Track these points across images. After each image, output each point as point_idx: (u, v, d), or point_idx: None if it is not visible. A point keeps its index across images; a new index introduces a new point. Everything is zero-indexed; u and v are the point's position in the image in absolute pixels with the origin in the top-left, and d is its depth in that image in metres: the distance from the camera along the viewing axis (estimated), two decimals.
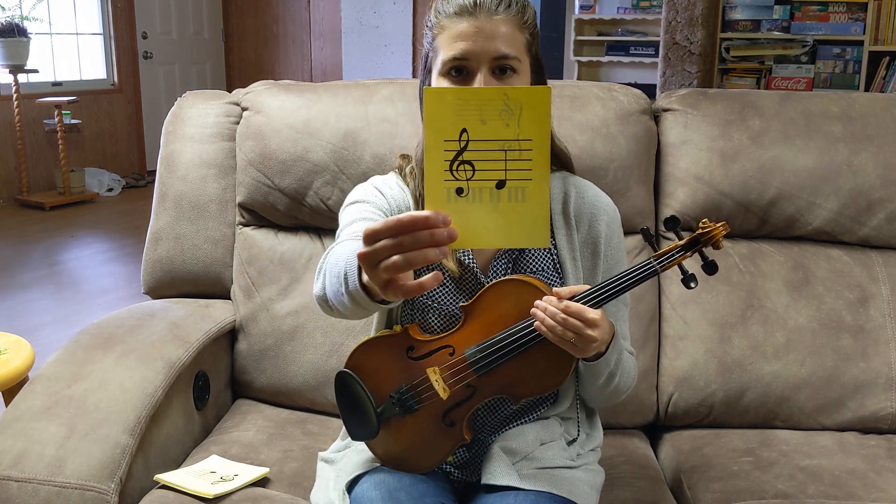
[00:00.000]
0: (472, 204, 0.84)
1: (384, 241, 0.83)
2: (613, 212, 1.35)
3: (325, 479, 1.32)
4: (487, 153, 0.83)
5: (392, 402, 1.22)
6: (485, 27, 1.18)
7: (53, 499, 1.25)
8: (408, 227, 0.82)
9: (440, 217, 0.83)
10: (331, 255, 1.12)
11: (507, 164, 0.84)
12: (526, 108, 0.82)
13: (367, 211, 1.25)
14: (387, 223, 0.83)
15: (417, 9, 6.91)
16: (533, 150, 0.83)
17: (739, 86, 4.55)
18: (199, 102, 1.86)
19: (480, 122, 0.82)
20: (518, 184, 0.84)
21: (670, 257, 1.18)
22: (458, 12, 1.19)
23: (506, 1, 1.20)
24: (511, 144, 0.83)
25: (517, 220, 0.85)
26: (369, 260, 0.85)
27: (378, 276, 0.85)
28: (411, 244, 0.82)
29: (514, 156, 0.83)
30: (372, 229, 0.84)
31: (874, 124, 1.76)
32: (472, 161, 0.83)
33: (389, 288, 0.86)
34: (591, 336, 1.11)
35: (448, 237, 0.83)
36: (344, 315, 1.10)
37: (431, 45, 1.25)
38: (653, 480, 1.50)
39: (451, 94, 0.83)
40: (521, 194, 0.84)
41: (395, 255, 0.83)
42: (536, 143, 0.83)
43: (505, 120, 0.82)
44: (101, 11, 6.78)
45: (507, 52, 1.18)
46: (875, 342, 1.69)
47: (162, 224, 1.81)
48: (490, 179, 0.83)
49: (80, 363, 1.48)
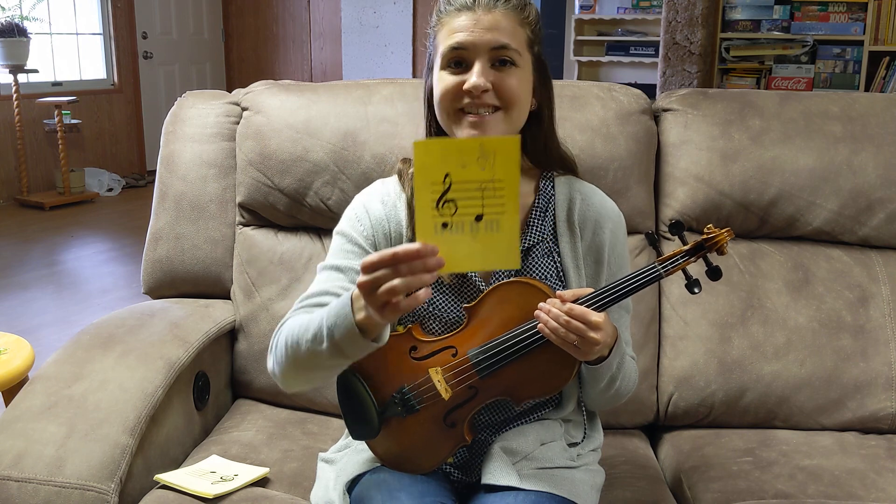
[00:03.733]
0: (455, 235, 0.98)
1: (382, 270, 0.97)
2: (618, 218, 1.35)
3: (325, 479, 1.32)
4: (467, 192, 0.97)
5: (394, 402, 1.22)
6: (483, 19, 1.19)
7: (53, 499, 1.25)
8: (403, 259, 0.96)
9: (429, 248, 0.97)
10: (289, 329, 1.17)
11: (483, 201, 0.98)
12: (499, 155, 0.96)
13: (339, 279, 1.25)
14: (383, 256, 0.96)
15: (417, 9, 6.90)
16: (505, 188, 0.98)
17: (739, 86, 4.55)
18: (199, 102, 1.86)
19: (461, 167, 0.96)
20: (493, 217, 0.99)
21: (674, 262, 1.18)
22: (458, 8, 1.21)
23: None
24: (487, 184, 0.97)
25: (493, 247, 1.00)
26: (369, 286, 0.98)
27: (376, 299, 0.98)
28: (407, 272, 0.96)
29: (489, 194, 0.98)
30: (370, 261, 0.97)
31: (874, 124, 1.76)
32: (455, 199, 0.97)
33: (387, 308, 0.98)
34: (594, 339, 1.11)
35: (437, 265, 0.97)
36: (308, 380, 1.21)
37: (433, 43, 1.26)
38: (653, 480, 1.50)
39: (437, 145, 0.97)
40: (496, 225, 0.99)
41: (394, 281, 0.96)
42: (507, 182, 0.97)
43: (481, 164, 0.97)
44: (101, 11, 6.79)
45: (506, 42, 1.19)
46: (875, 342, 1.69)
47: (162, 224, 1.81)
48: (470, 214, 0.98)
49: (80, 363, 1.48)
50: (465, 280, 1.26)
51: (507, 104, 1.21)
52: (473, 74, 1.19)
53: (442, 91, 1.22)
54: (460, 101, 1.21)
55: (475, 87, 1.18)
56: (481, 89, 1.18)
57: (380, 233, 1.29)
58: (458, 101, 1.21)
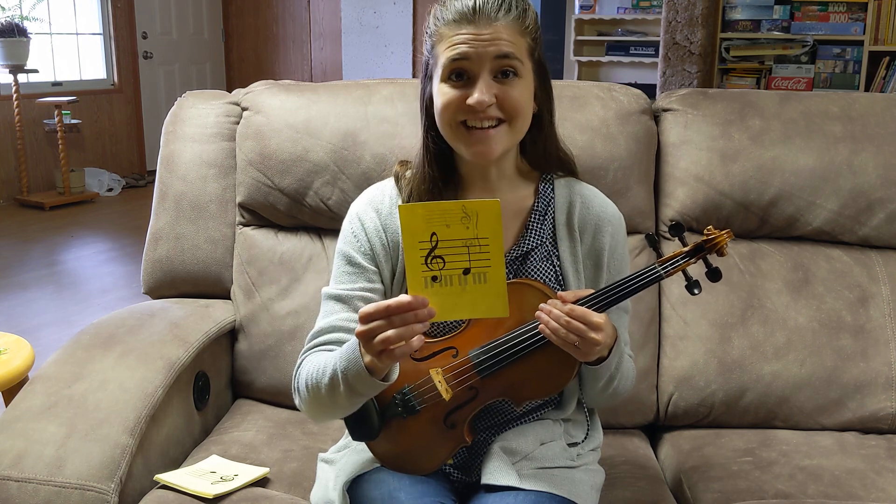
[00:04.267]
0: (445, 287, 1.05)
1: (377, 321, 1.04)
2: (619, 221, 1.34)
3: (324, 479, 1.32)
4: (454, 249, 1.04)
5: (394, 403, 1.21)
6: (484, 31, 1.17)
7: (53, 499, 1.25)
8: (395, 311, 1.03)
9: (420, 300, 1.04)
10: (307, 373, 1.22)
11: (469, 256, 1.04)
12: (481, 215, 1.03)
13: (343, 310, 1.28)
14: (378, 308, 1.04)
15: (417, 9, 6.90)
16: (489, 245, 1.04)
17: (739, 86, 4.55)
18: (199, 102, 1.86)
19: (446, 227, 1.03)
20: (480, 270, 1.05)
21: (674, 263, 1.18)
22: (457, 19, 1.19)
23: (505, 5, 1.19)
24: (472, 242, 1.04)
25: (481, 297, 1.06)
26: (366, 336, 1.05)
27: (373, 347, 1.05)
28: (399, 323, 1.03)
29: (475, 250, 1.04)
30: (366, 312, 1.05)
31: (874, 124, 1.76)
32: (443, 255, 1.04)
33: (383, 355, 1.06)
34: (594, 339, 1.11)
35: (428, 315, 1.04)
36: (336, 415, 1.24)
37: (431, 53, 1.24)
38: (653, 480, 1.50)
39: (421, 209, 1.04)
40: (483, 277, 1.05)
41: (388, 331, 1.03)
42: (491, 239, 1.03)
43: (465, 224, 1.03)
44: (101, 11, 6.79)
45: (508, 52, 1.18)
46: (875, 342, 1.69)
47: (162, 224, 1.81)
48: (458, 268, 1.05)
49: (80, 363, 1.48)
50: None
51: (510, 116, 1.20)
52: (477, 90, 1.17)
53: (444, 105, 1.21)
54: (463, 115, 1.20)
55: (479, 104, 1.17)
56: (485, 105, 1.17)
57: (377, 244, 1.30)
58: (461, 115, 1.20)
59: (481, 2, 1.18)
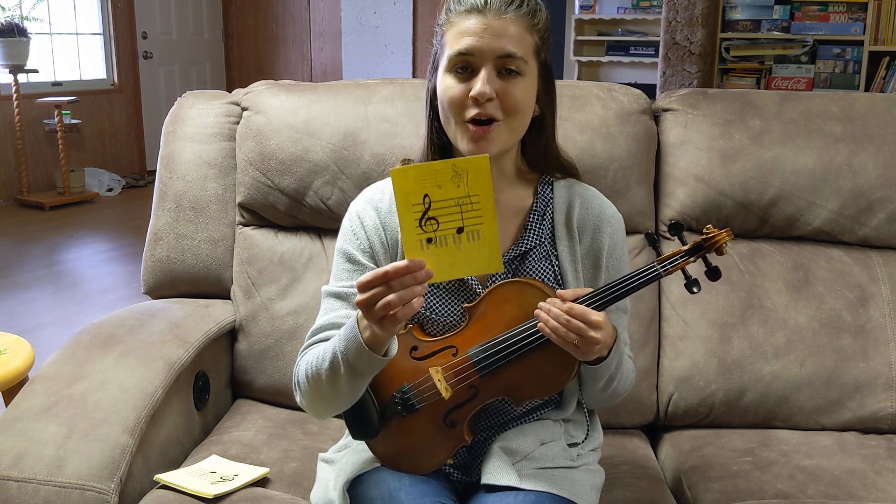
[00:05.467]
0: (440, 248, 1.06)
1: (377, 288, 1.04)
2: (618, 222, 1.34)
3: (324, 479, 1.32)
4: (447, 209, 1.05)
5: (394, 402, 1.22)
6: (493, 24, 1.18)
7: (53, 499, 1.25)
8: (394, 276, 1.03)
9: (417, 263, 1.04)
10: (307, 364, 1.21)
11: (462, 215, 1.06)
12: (471, 173, 1.04)
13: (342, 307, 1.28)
14: (376, 274, 1.03)
15: (417, 9, 6.90)
16: (480, 202, 1.05)
17: (739, 86, 4.55)
18: (199, 102, 1.86)
19: (437, 187, 1.04)
20: (473, 228, 1.06)
21: (674, 262, 1.18)
22: (468, 10, 1.20)
23: (517, 1, 1.19)
24: (464, 200, 1.05)
25: (477, 254, 1.07)
26: (367, 303, 1.04)
27: (374, 315, 1.05)
28: (399, 287, 1.03)
29: (467, 208, 1.06)
30: (364, 280, 1.04)
31: (874, 124, 1.76)
32: (437, 216, 1.05)
33: (385, 320, 1.05)
34: (594, 338, 1.11)
35: (426, 276, 1.05)
36: (336, 407, 1.23)
37: (440, 42, 1.25)
38: (653, 480, 1.50)
39: (413, 170, 1.04)
40: (476, 235, 1.07)
41: (388, 296, 1.03)
42: (482, 196, 1.05)
43: (456, 182, 1.04)
44: (101, 11, 6.78)
45: (513, 51, 1.18)
46: (875, 342, 1.69)
47: (162, 224, 1.81)
48: (451, 228, 1.06)
49: (80, 363, 1.48)
50: (463, 284, 1.26)
51: (509, 114, 1.20)
52: (479, 81, 1.18)
53: (447, 98, 1.21)
54: (465, 109, 1.20)
55: (480, 95, 1.17)
56: (486, 97, 1.17)
57: (377, 242, 1.30)
58: (463, 109, 1.20)
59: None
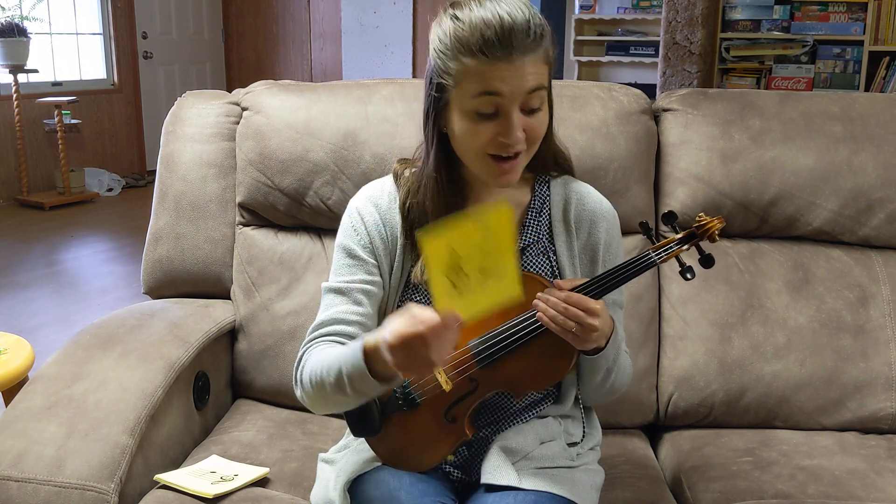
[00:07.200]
0: (465, 290, 1.06)
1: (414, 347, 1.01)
2: (613, 217, 1.36)
3: (325, 479, 1.32)
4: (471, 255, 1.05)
5: (395, 397, 1.22)
6: (517, 68, 1.12)
7: (53, 499, 1.25)
8: (431, 334, 1.01)
9: (451, 316, 1.02)
10: (311, 369, 1.21)
11: (485, 256, 1.05)
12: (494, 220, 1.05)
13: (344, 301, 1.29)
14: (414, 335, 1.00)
15: (417, 9, 6.90)
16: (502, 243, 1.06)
17: (739, 86, 4.55)
18: (199, 102, 1.86)
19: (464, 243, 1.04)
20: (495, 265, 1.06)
21: (668, 249, 1.20)
22: (488, 54, 1.12)
23: (536, 38, 1.13)
24: (487, 244, 1.05)
25: (498, 287, 1.07)
26: (405, 363, 1.03)
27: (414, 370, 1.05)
28: (437, 342, 1.01)
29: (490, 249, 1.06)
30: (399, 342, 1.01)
31: (874, 124, 1.76)
32: (461, 264, 1.05)
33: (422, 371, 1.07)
34: (592, 325, 1.12)
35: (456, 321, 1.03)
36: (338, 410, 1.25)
37: (451, 77, 1.16)
38: (653, 480, 1.50)
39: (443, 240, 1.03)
40: (498, 272, 1.07)
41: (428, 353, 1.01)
42: (504, 240, 1.06)
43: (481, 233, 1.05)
44: (101, 11, 6.78)
45: (536, 86, 1.15)
46: (875, 342, 1.69)
47: (162, 224, 1.81)
48: (474, 269, 1.06)
49: (80, 363, 1.48)
50: None
51: (532, 144, 1.20)
52: (511, 128, 1.14)
53: (475, 144, 1.18)
54: (493, 149, 1.17)
55: (515, 142, 1.16)
56: (519, 141, 1.16)
57: (377, 238, 1.30)
58: (491, 149, 1.18)
59: (511, 34, 1.11)
